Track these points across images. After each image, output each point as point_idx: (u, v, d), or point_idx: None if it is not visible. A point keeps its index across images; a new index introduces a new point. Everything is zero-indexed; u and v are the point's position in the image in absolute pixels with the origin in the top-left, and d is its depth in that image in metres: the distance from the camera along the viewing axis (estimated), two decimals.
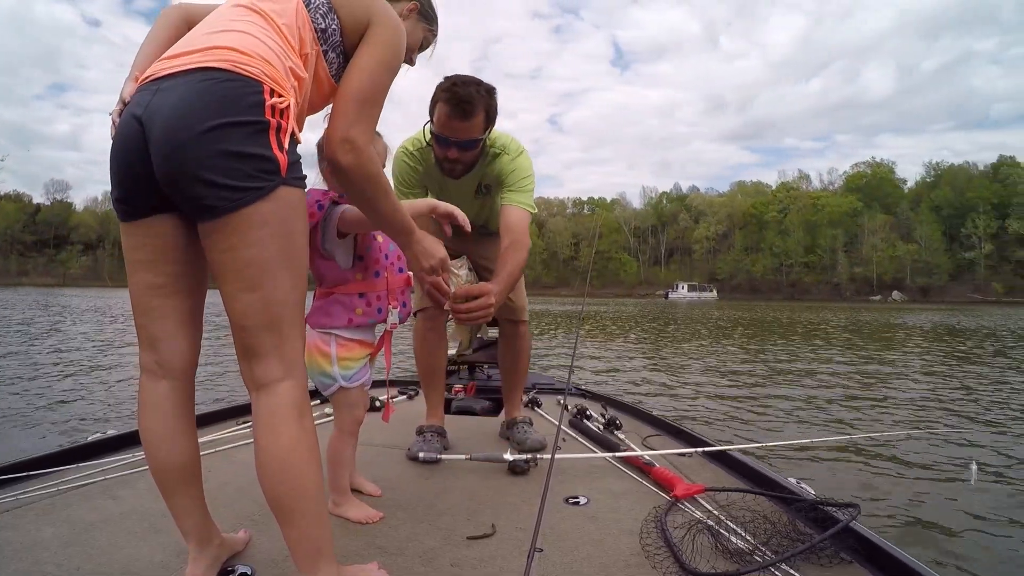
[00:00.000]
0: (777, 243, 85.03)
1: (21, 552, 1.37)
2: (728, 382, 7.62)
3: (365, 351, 1.60)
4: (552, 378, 4.03)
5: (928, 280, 76.65)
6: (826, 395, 6.72)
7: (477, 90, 1.93)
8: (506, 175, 2.13)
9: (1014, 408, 6.03)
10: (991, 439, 4.73)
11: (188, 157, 1.00)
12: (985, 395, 6.78)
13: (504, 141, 2.14)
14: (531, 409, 2.97)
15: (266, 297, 1.07)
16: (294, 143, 1.10)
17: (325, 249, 1.52)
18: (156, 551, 1.39)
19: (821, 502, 1.60)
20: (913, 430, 4.82)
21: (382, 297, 1.58)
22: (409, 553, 1.42)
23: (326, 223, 1.50)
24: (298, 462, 1.08)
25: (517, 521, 1.61)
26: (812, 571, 1.33)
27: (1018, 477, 3.77)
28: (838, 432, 4.85)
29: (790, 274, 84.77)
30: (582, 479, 1.96)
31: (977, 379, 8.02)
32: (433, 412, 2.38)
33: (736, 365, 9.38)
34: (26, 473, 1.84)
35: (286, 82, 1.10)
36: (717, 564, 1.35)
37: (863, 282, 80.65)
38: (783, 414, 5.67)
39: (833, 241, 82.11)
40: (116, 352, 9.45)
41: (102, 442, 2.17)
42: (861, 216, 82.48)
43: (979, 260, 76.65)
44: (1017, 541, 2.82)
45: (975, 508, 3.21)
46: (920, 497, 3.37)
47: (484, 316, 1.74)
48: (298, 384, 1.12)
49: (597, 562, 1.38)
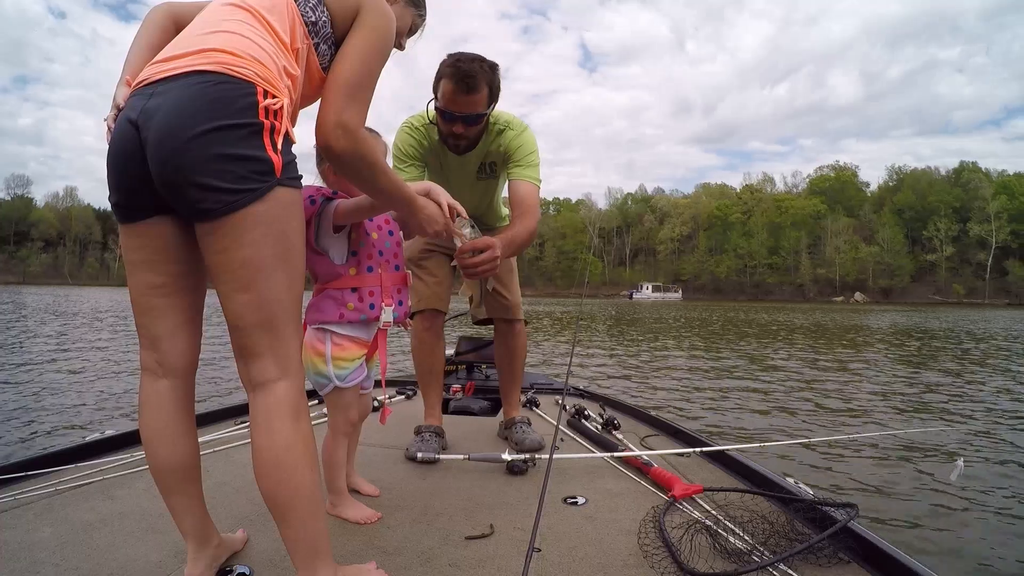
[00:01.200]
0: (741, 244, 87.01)
1: (19, 552, 1.37)
2: (718, 382, 7.63)
3: (360, 351, 1.57)
4: (550, 378, 4.03)
5: (890, 282, 79.42)
6: (825, 395, 6.73)
7: (480, 66, 1.98)
8: (513, 150, 2.18)
9: (1007, 408, 6.05)
10: (990, 438, 4.74)
11: (183, 161, 1.00)
12: (981, 394, 6.80)
13: (507, 118, 2.19)
14: (529, 409, 2.97)
15: (261, 297, 1.08)
16: (288, 143, 1.10)
17: (319, 245, 1.51)
18: (154, 551, 1.39)
19: (819, 502, 1.60)
20: (911, 429, 4.83)
21: (375, 293, 1.55)
22: (407, 553, 1.42)
23: (320, 219, 1.50)
24: (293, 462, 1.08)
25: (515, 521, 1.61)
26: (810, 571, 1.33)
27: (1016, 475, 3.78)
28: (836, 432, 4.86)
29: (754, 275, 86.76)
30: (580, 479, 1.96)
31: (970, 378, 8.04)
32: (431, 412, 2.38)
33: (723, 364, 9.39)
34: (24, 473, 1.84)
35: (279, 82, 1.10)
36: (715, 564, 1.35)
37: (826, 283, 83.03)
38: (782, 414, 5.68)
39: (796, 243, 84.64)
40: (112, 353, 9.44)
41: (100, 442, 2.16)
42: (824, 219, 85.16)
43: (940, 262, 79.95)
44: (1015, 539, 2.82)
45: (973, 507, 3.22)
46: (918, 496, 3.38)
47: (491, 268, 1.80)
48: (294, 384, 1.11)
49: (595, 562, 1.38)
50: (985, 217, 78.48)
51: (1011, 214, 77.47)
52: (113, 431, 2.30)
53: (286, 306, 1.10)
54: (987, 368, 9.32)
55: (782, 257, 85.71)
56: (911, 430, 4.80)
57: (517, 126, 2.19)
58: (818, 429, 5.11)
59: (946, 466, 3.92)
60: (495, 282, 2.34)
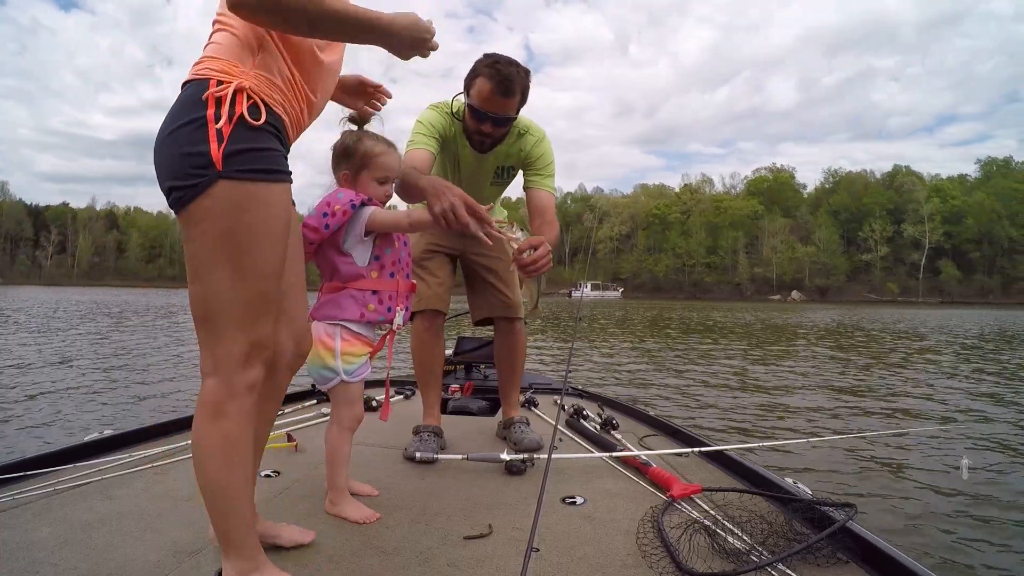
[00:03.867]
0: (680, 244, 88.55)
1: (18, 552, 1.37)
2: (709, 383, 7.64)
3: (366, 349, 1.63)
4: (549, 378, 4.03)
5: (826, 281, 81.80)
6: (823, 395, 6.74)
7: (518, 71, 2.02)
8: (534, 158, 2.24)
9: (1007, 403, 6.06)
10: (987, 436, 4.74)
11: (157, 167, 1.10)
12: (976, 392, 6.81)
13: (527, 122, 2.23)
14: (528, 409, 2.97)
15: (203, 292, 1.10)
16: (244, 127, 1.07)
17: (345, 247, 1.58)
18: (152, 551, 1.39)
19: (818, 502, 1.60)
20: (910, 428, 4.83)
21: (393, 297, 1.64)
22: (406, 553, 1.42)
23: (353, 223, 1.56)
24: (201, 458, 1.13)
25: (514, 521, 1.61)
26: (809, 571, 1.33)
27: (1014, 474, 3.78)
28: (835, 432, 4.86)
29: (692, 274, 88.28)
30: (579, 479, 1.96)
31: (962, 377, 8.05)
32: (430, 412, 2.38)
33: (704, 362, 9.41)
34: (22, 473, 1.84)
35: (235, 67, 1.10)
36: (713, 564, 1.35)
37: (763, 282, 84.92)
38: (780, 413, 5.69)
39: (734, 242, 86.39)
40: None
41: (98, 442, 2.16)
42: (762, 219, 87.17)
43: (875, 262, 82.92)
44: (1013, 539, 2.83)
45: (971, 506, 3.23)
46: (917, 496, 3.38)
47: (548, 263, 1.86)
48: (222, 383, 1.12)
49: (593, 562, 1.38)
50: (919, 219, 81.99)
51: (944, 216, 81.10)
52: (112, 431, 2.30)
53: (226, 305, 1.10)
54: (971, 366, 9.34)
55: (720, 256, 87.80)
56: (912, 429, 4.80)
57: (537, 132, 2.24)
58: (818, 429, 5.11)
59: (945, 466, 3.93)
60: (495, 278, 2.40)
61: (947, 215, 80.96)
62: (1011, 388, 7.33)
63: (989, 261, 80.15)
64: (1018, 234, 78.74)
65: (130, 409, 5.37)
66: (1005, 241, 79.23)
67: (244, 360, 1.12)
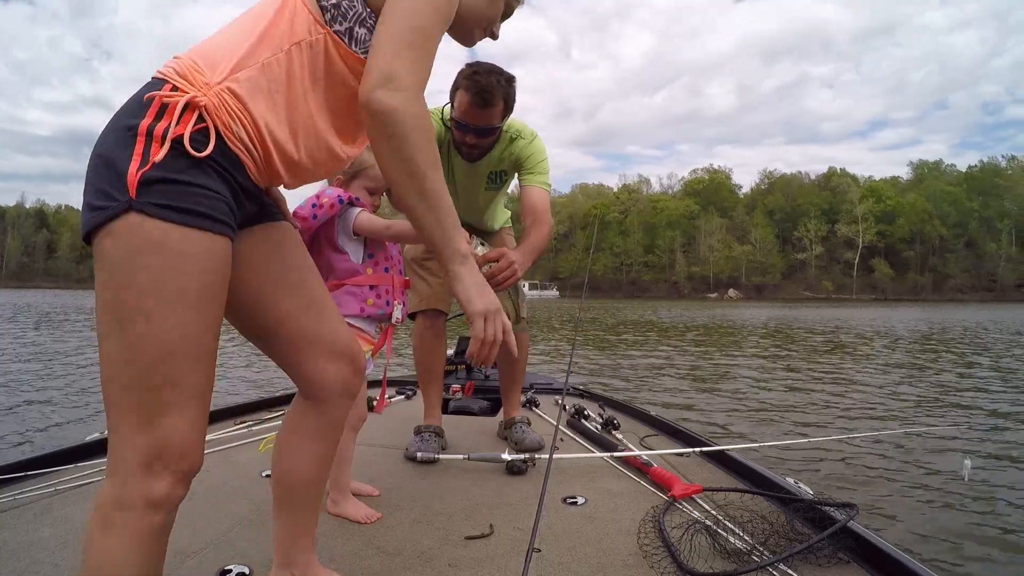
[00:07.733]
0: (617, 243, 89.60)
1: (19, 552, 1.37)
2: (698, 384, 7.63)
3: (368, 345, 1.64)
4: (550, 378, 4.02)
5: (763, 279, 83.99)
6: (822, 395, 6.73)
7: (498, 80, 1.99)
8: (524, 158, 2.22)
9: (1008, 402, 6.06)
10: (986, 436, 4.74)
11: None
12: (975, 392, 6.81)
13: (518, 126, 2.22)
14: (529, 409, 2.97)
15: (101, 362, 0.82)
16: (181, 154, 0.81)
17: (339, 244, 1.61)
18: None
19: (819, 502, 1.60)
20: (909, 428, 4.82)
21: (390, 291, 1.66)
22: (407, 553, 1.42)
23: (343, 219, 1.59)
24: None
25: (515, 521, 1.61)
26: (810, 571, 1.33)
27: (1013, 473, 3.78)
28: (835, 432, 4.86)
29: (630, 273, 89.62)
30: (580, 479, 1.96)
31: (958, 377, 8.05)
32: (431, 412, 2.38)
33: (697, 364, 9.40)
34: (24, 473, 1.84)
35: (199, 74, 0.86)
36: (715, 564, 1.35)
37: (700, 280, 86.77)
38: (779, 413, 5.68)
39: (672, 242, 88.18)
40: None
41: (99, 442, 2.16)
42: (699, 219, 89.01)
43: (810, 261, 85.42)
44: (1013, 538, 2.82)
45: (971, 506, 3.22)
46: (918, 496, 3.38)
47: (510, 277, 1.81)
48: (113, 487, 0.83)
49: (595, 562, 1.38)
50: (853, 219, 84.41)
51: (877, 216, 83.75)
52: None
53: (117, 388, 0.81)
54: (964, 365, 9.33)
55: (658, 255, 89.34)
56: (911, 429, 4.80)
57: (528, 135, 2.23)
58: (817, 429, 5.11)
59: (946, 465, 3.92)
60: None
61: (880, 215, 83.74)
62: (1019, 390, 7.31)
63: (921, 260, 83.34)
64: (949, 234, 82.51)
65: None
66: (936, 240, 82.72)
67: (142, 467, 0.82)
